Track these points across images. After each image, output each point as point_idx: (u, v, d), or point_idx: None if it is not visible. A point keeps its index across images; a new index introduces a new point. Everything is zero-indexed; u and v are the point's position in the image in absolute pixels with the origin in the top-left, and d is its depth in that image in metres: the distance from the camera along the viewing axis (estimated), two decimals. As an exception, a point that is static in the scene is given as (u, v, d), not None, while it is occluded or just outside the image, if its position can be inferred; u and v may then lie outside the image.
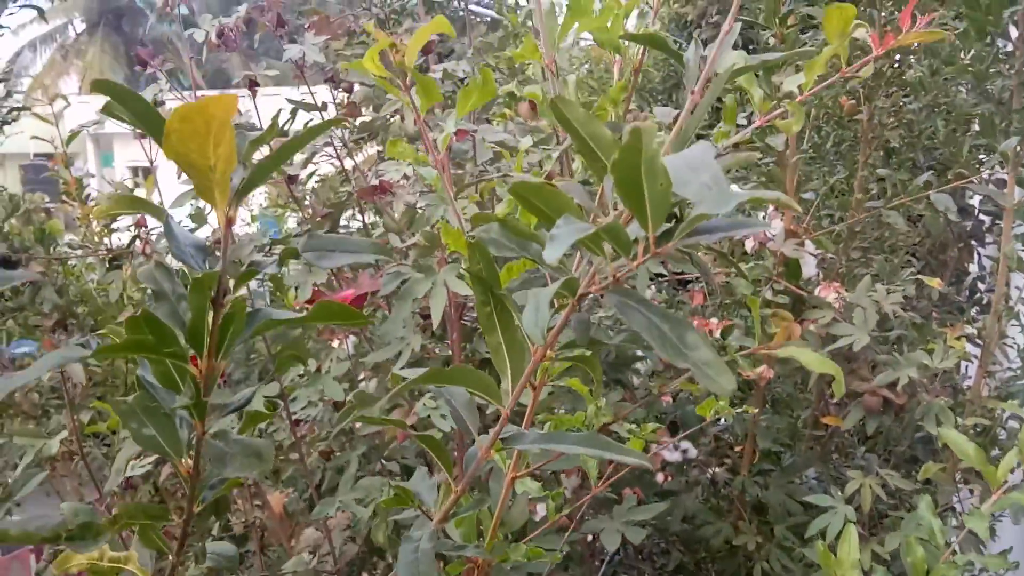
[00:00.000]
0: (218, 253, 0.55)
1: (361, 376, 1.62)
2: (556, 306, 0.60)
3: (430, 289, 1.27)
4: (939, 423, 1.38)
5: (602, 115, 0.73)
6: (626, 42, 0.79)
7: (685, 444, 1.78)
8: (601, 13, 0.71)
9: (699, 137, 0.71)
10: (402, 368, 1.41)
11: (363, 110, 1.79)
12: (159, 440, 0.56)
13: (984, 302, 2.39)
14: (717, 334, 1.84)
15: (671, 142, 0.57)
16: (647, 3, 0.78)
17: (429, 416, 1.20)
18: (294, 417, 1.55)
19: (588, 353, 0.62)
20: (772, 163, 1.81)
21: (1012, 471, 1.10)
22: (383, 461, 1.56)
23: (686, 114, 0.57)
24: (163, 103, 1.62)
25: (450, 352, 1.51)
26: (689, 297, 2.01)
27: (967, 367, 2.05)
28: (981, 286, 2.46)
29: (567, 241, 0.42)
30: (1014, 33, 1.68)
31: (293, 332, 1.40)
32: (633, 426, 0.92)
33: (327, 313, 0.59)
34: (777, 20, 1.41)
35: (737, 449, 1.88)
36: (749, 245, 1.83)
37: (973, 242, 2.56)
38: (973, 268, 2.64)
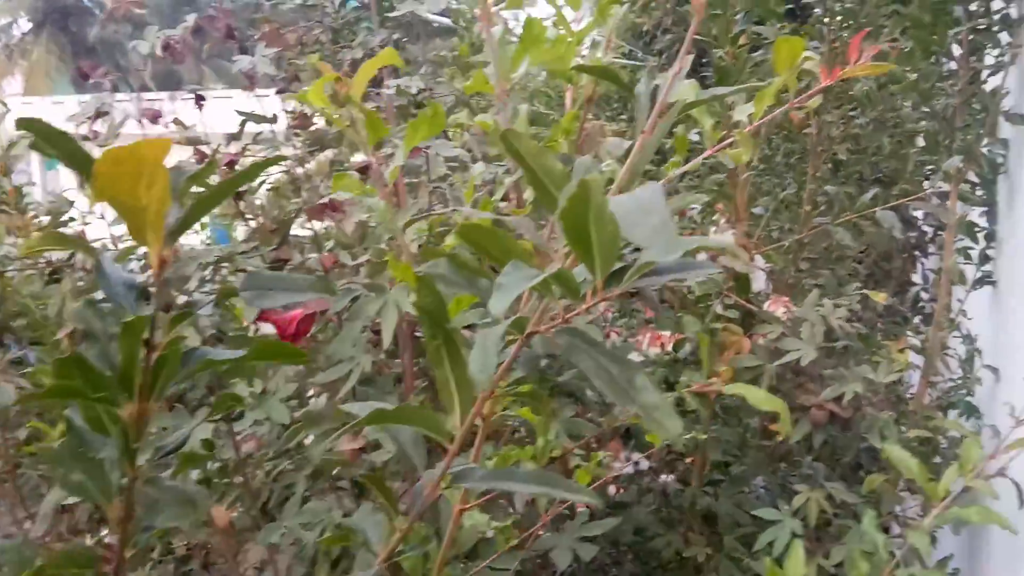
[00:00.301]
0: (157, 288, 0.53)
1: (311, 392, 1.59)
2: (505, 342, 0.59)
3: (381, 308, 1.25)
4: (883, 437, 1.41)
5: (554, 146, 0.73)
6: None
7: (637, 456, 1.79)
8: (553, 44, 0.70)
9: (658, 153, 0.71)
10: (353, 385, 1.39)
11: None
12: (88, 486, 0.54)
13: (927, 311, 2.45)
14: (669, 347, 1.85)
15: (622, 178, 0.57)
16: (599, 33, 0.77)
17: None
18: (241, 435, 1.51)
19: (537, 388, 0.61)
20: (724, 177, 1.83)
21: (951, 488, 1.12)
22: (333, 478, 1.54)
23: (637, 151, 0.57)
24: (107, 113, 1.57)
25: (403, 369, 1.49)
26: (642, 306, 2.02)
27: (911, 375, 2.10)
28: (924, 295, 2.52)
29: (514, 291, 0.41)
30: (958, 52, 1.72)
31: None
32: (583, 462, 0.92)
33: (268, 352, 0.57)
34: (729, 39, 1.42)
35: (688, 460, 1.89)
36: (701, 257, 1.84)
37: (917, 252, 2.63)
38: (917, 278, 2.71)
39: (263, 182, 1.72)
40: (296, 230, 1.73)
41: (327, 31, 1.66)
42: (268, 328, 1.35)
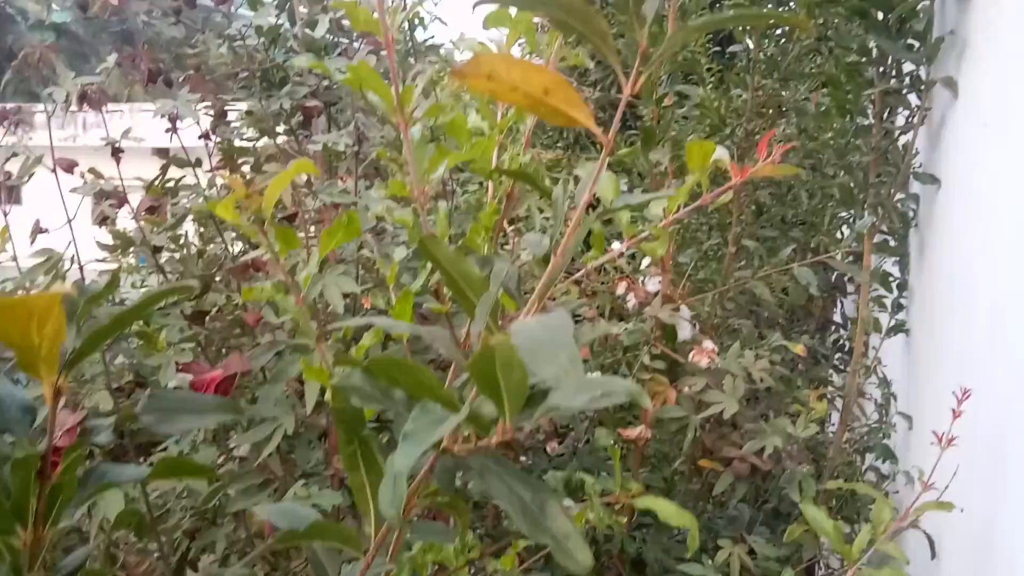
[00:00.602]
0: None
1: (233, 444, 1.55)
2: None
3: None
4: (802, 491, 1.45)
5: (472, 244, 0.73)
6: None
7: (568, 501, 1.79)
8: (472, 147, 0.71)
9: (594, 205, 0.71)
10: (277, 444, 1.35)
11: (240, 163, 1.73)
12: (-23, 619, 0.51)
13: (846, 349, 2.54)
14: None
15: (539, 291, 0.57)
16: (519, 130, 0.78)
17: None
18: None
19: (454, 497, 0.60)
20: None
21: (867, 548, 1.16)
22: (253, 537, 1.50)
23: (552, 268, 0.57)
24: (15, 155, 1.51)
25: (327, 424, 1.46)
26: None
27: (832, 415, 2.16)
28: (843, 333, 2.61)
29: (422, 444, 0.41)
30: (871, 111, 1.80)
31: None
32: (498, 564, 0.91)
33: (172, 469, 0.55)
34: (654, 100, 1.45)
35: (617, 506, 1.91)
36: (631, 304, 1.87)
37: (836, 292, 2.72)
38: (837, 316, 2.80)
39: (184, 218, 1.67)
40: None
41: (254, 76, 1.63)
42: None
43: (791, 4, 2.42)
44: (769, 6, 2.30)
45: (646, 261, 1.91)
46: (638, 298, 1.86)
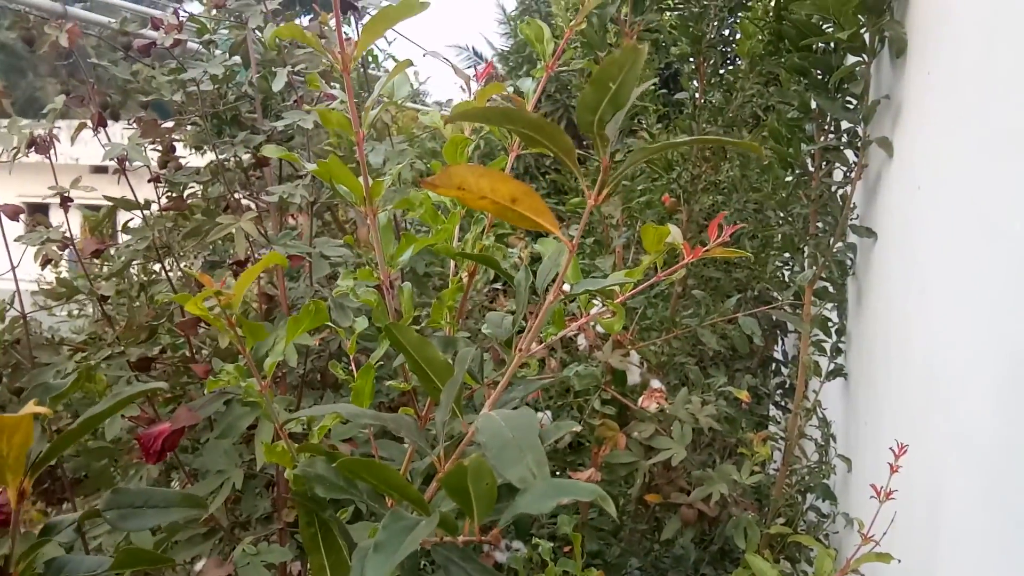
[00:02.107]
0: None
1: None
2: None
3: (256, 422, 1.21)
4: (746, 536, 1.48)
5: (436, 323, 0.74)
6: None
7: (517, 543, 1.80)
8: (436, 233, 0.72)
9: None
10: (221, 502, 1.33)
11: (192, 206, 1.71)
12: None
13: (787, 386, 2.61)
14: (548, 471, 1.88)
15: (502, 385, 0.59)
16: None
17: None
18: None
19: (415, 581, 0.61)
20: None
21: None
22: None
23: (519, 357, 0.59)
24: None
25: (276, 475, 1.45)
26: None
27: (776, 455, 2.22)
28: (785, 371, 2.68)
29: (395, 555, 0.42)
30: (811, 165, 1.87)
31: (98, 463, 1.29)
32: None
33: (133, 560, 0.55)
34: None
35: (565, 550, 1.92)
36: (582, 345, 1.90)
37: (777, 331, 2.80)
38: (778, 353, 2.87)
39: (130, 263, 1.64)
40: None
41: (206, 118, 1.62)
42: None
43: (734, 48, 2.50)
44: (715, 48, 2.37)
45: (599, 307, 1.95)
46: (588, 340, 1.89)
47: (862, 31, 1.61)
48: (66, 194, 1.31)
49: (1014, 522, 1.01)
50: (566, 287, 0.66)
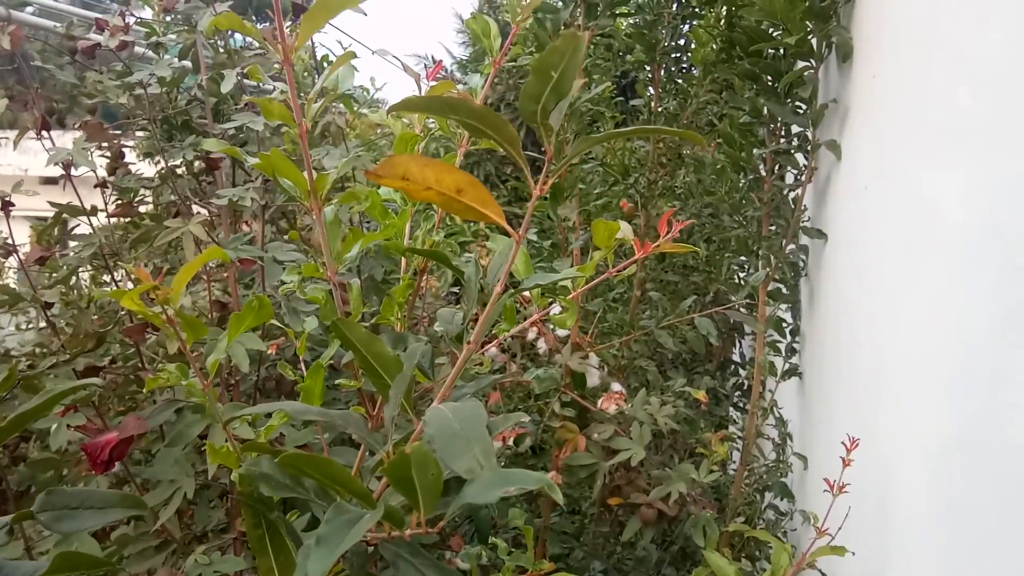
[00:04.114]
0: None
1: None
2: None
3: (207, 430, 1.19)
4: (705, 534, 1.49)
5: (386, 321, 0.73)
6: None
7: (476, 548, 1.79)
8: (384, 229, 0.72)
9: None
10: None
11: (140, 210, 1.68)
12: None
13: (745, 387, 2.64)
14: (511, 442, 1.88)
15: (451, 378, 0.58)
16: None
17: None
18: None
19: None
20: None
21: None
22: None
23: (468, 350, 0.58)
24: None
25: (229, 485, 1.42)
26: (485, 396, 2.05)
27: (734, 454, 2.24)
28: (742, 373, 2.72)
29: (337, 548, 0.41)
30: (764, 169, 1.90)
31: (44, 474, 1.25)
32: None
33: (70, 564, 0.53)
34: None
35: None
36: (542, 349, 1.91)
37: (734, 333, 2.83)
38: (736, 355, 2.91)
39: (76, 270, 1.60)
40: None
41: (154, 121, 1.59)
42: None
43: (688, 56, 2.54)
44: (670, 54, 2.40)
45: (556, 308, 1.95)
46: (548, 343, 1.90)
47: (810, 37, 1.64)
48: (7, 198, 1.27)
49: (959, 511, 1.03)
50: (523, 284, 0.66)
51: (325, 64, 2.27)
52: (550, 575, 0.96)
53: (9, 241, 1.29)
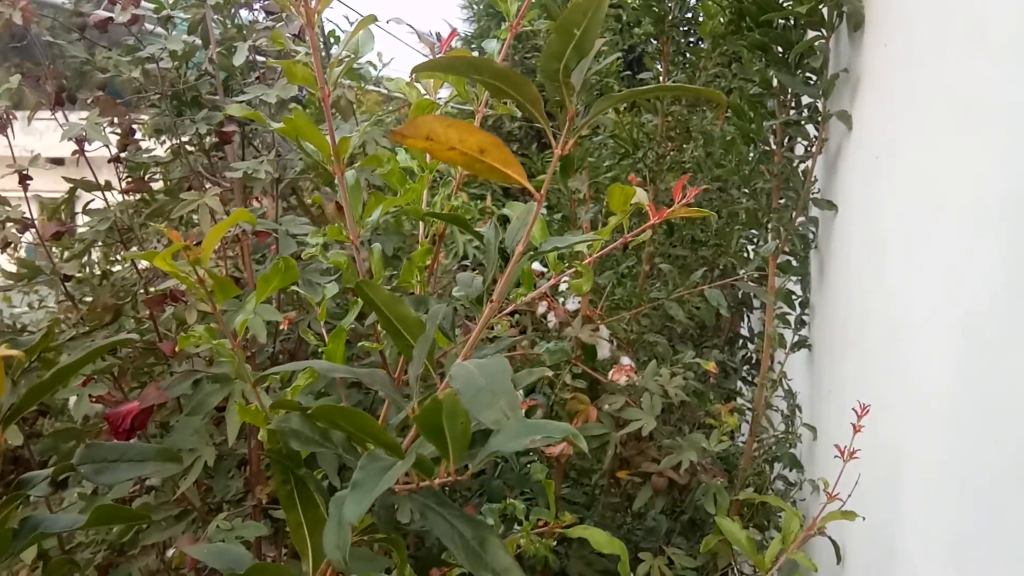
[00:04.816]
0: None
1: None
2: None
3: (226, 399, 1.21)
4: (716, 502, 1.51)
5: (406, 284, 0.75)
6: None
7: (489, 520, 1.82)
8: (404, 193, 0.73)
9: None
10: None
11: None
12: None
13: (754, 361, 2.66)
14: (521, 413, 1.90)
15: (475, 335, 0.59)
16: (451, 174, 0.80)
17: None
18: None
19: (393, 535, 0.62)
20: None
21: (777, 557, 1.22)
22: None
23: (491, 308, 0.60)
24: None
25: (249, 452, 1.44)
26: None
27: (743, 425, 2.26)
28: (751, 346, 2.73)
29: (371, 493, 0.43)
30: (773, 141, 1.90)
31: (66, 444, 1.27)
32: None
33: (109, 516, 0.55)
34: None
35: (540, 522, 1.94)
36: (552, 322, 1.92)
37: (743, 308, 2.84)
38: (744, 330, 2.92)
39: (93, 243, 1.62)
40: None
41: (165, 96, 1.60)
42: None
43: (697, 28, 2.52)
44: (678, 28, 2.39)
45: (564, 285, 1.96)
46: (558, 317, 1.91)
47: (820, 6, 1.64)
48: (25, 171, 1.28)
49: (970, 477, 1.04)
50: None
51: (332, 39, 2.27)
52: (569, 527, 0.98)
53: (27, 216, 1.31)
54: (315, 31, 0.61)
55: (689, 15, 2.54)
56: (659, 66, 2.41)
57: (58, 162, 1.83)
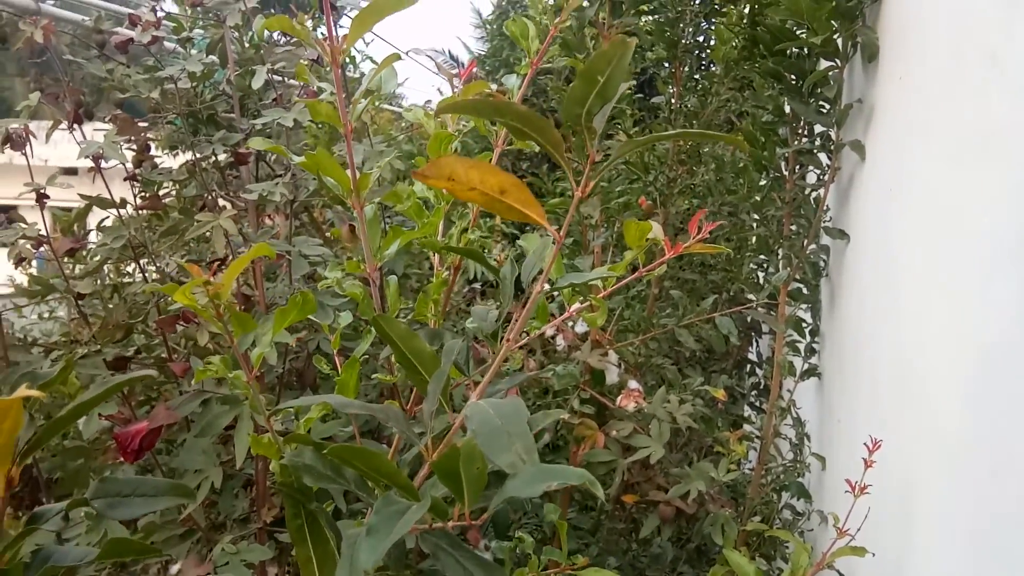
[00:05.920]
0: None
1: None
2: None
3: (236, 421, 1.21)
4: (724, 532, 1.50)
5: (421, 317, 0.75)
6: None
7: (494, 544, 1.80)
8: (422, 227, 0.73)
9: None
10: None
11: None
12: None
13: (762, 387, 2.64)
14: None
15: (488, 377, 0.59)
16: (468, 205, 0.81)
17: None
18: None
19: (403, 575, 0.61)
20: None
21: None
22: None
23: (506, 347, 0.59)
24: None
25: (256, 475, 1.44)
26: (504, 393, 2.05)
27: (751, 452, 2.24)
28: (759, 372, 2.71)
29: (388, 538, 0.42)
30: (786, 168, 1.90)
31: (74, 462, 1.27)
32: None
33: (119, 550, 0.54)
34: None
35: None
36: (560, 345, 1.92)
37: (752, 332, 2.83)
38: (752, 355, 2.91)
39: (106, 262, 1.62)
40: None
41: (184, 117, 1.61)
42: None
43: (709, 53, 2.53)
44: (691, 53, 2.40)
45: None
46: (567, 340, 1.90)
47: (835, 36, 1.64)
48: (42, 190, 1.29)
49: (983, 512, 1.03)
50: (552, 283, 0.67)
51: (350, 60, 2.28)
52: (582, 570, 0.97)
53: (43, 232, 1.31)
54: (340, 69, 0.62)
55: (702, 39, 2.56)
56: (671, 89, 2.42)
57: (71, 172, 1.84)
